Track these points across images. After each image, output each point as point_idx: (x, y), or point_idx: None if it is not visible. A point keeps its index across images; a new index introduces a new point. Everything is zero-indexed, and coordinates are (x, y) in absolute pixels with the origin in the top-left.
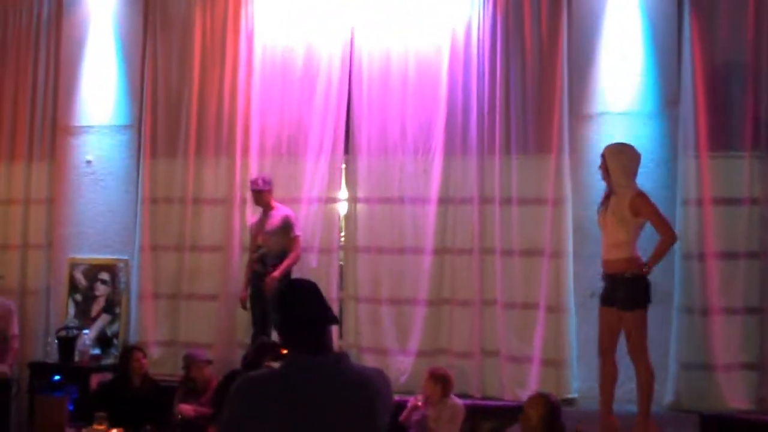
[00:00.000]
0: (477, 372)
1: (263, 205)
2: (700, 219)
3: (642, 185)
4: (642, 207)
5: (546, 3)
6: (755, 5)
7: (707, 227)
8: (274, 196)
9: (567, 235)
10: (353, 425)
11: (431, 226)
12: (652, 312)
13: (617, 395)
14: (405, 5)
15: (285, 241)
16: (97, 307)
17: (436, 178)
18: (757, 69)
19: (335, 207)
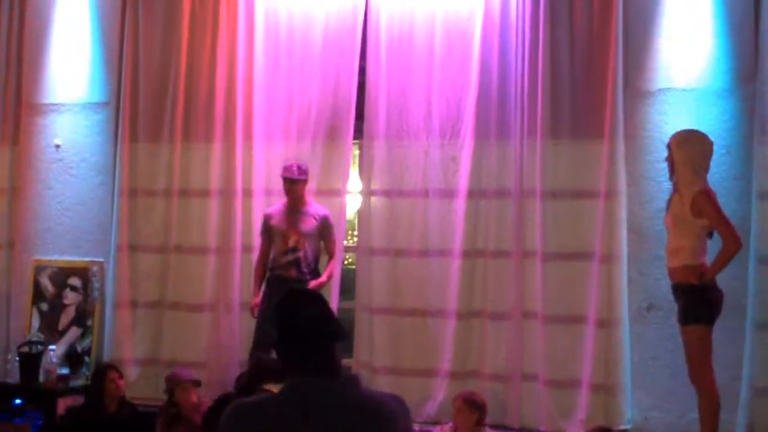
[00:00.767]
0: (514, 398)
1: (295, 199)
2: None
3: (710, 175)
4: (704, 207)
5: None
6: None
7: None
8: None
9: (621, 236)
10: None
11: (460, 223)
12: (720, 327)
13: (678, 426)
14: None
15: (319, 245)
16: (66, 319)
17: (466, 166)
18: None
19: (341, 201)
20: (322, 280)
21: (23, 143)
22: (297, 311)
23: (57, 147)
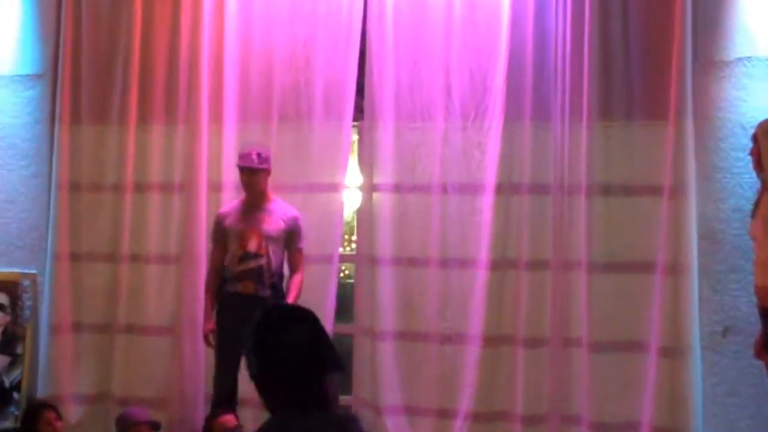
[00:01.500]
0: None
1: (255, 194)
2: None
3: None
4: None
5: None
6: None
7: None
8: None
9: (690, 241)
10: None
11: (487, 226)
12: None
13: None
14: None
15: (283, 253)
16: None
17: (493, 155)
18: None
19: (337, 199)
20: (288, 300)
21: None
22: (282, 332)
23: None
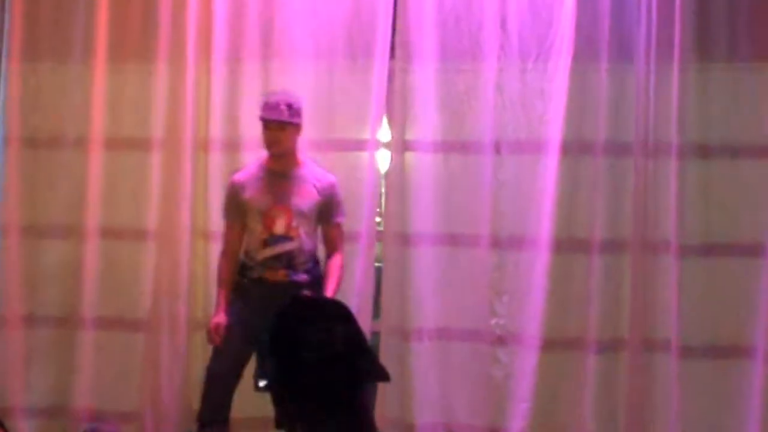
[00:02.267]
0: None
1: (282, 156)
2: None
3: None
4: None
5: None
6: None
7: None
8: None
9: None
10: None
11: (550, 197)
12: None
13: None
14: None
15: (316, 231)
16: None
17: (560, 105)
18: None
19: (369, 159)
20: (330, 289)
21: None
22: (309, 331)
23: None
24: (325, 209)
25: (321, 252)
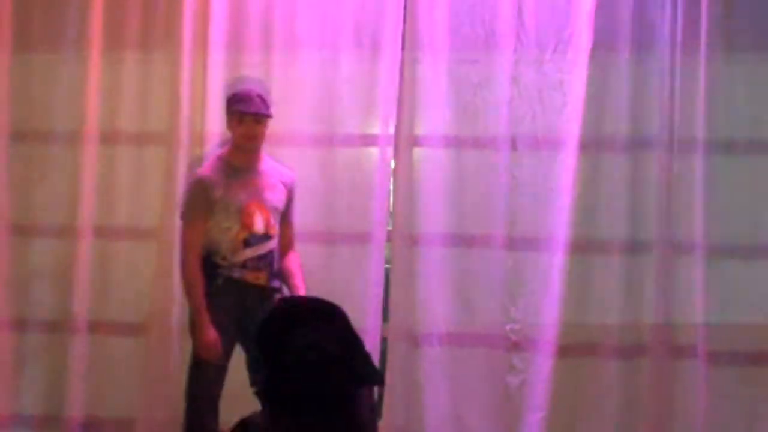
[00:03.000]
0: None
1: (254, 151)
2: None
3: None
4: None
5: None
6: None
7: None
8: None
9: None
10: None
11: (568, 194)
12: None
13: None
14: None
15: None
16: None
17: (578, 98)
18: None
19: (381, 156)
20: (302, 289)
21: None
22: (301, 334)
23: None
24: (287, 206)
25: None
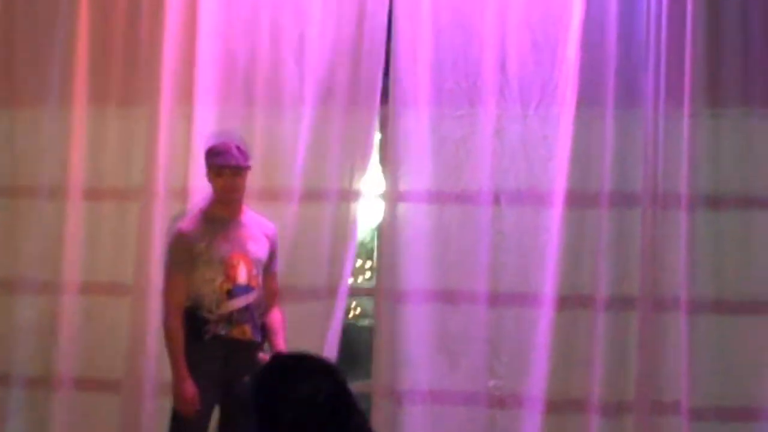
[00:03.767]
0: None
1: (235, 202)
2: None
3: None
4: None
5: None
6: None
7: None
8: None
9: None
10: None
11: (554, 250)
12: None
13: None
14: None
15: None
16: None
17: (563, 153)
18: None
19: (350, 210)
20: (283, 347)
21: None
22: (297, 389)
23: None
24: (270, 258)
25: None
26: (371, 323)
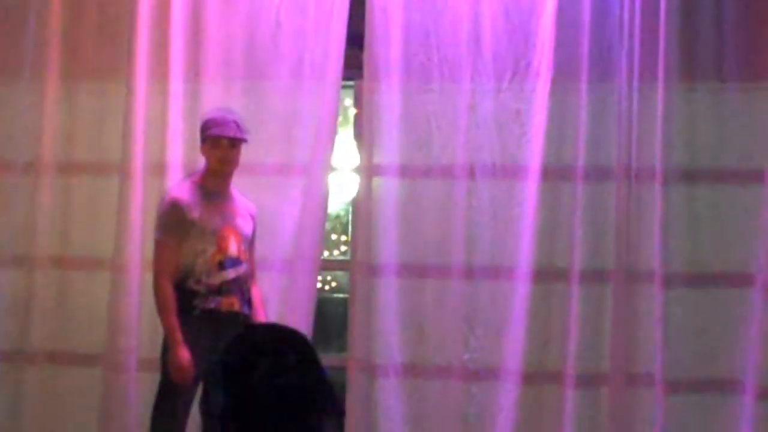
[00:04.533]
0: None
1: (226, 176)
2: None
3: None
4: None
5: None
6: None
7: None
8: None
9: None
10: None
11: (529, 224)
12: None
13: None
14: None
15: None
16: None
17: (539, 127)
18: None
19: (318, 185)
20: (260, 316)
21: None
22: (263, 362)
23: None
24: (252, 237)
25: None
26: (346, 297)
